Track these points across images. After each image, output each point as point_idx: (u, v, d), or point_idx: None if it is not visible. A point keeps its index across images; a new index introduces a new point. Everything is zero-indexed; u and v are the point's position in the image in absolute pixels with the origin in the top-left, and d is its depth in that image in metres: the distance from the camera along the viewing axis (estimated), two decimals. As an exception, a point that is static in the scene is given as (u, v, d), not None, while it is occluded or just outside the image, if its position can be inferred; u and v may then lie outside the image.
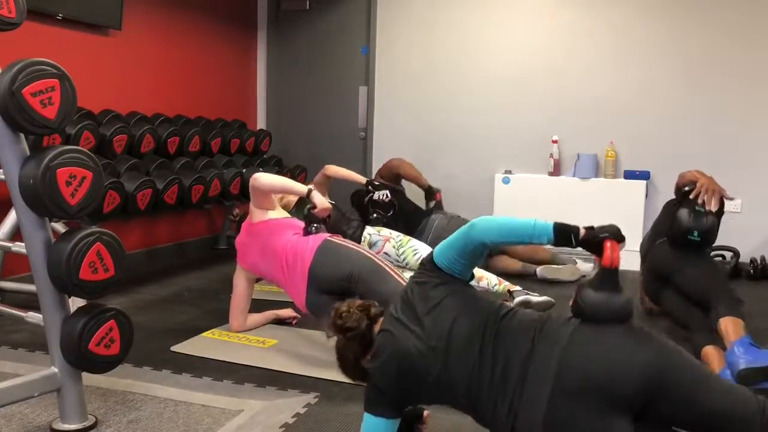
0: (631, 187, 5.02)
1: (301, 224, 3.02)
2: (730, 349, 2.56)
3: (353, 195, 4.32)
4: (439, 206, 4.66)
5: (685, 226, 3.00)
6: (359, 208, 4.21)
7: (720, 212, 3.06)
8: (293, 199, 3.67)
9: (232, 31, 5.77)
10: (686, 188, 3.13)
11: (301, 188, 3.00)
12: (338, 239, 2.97)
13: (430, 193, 4.67)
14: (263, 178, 2.99)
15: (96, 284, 2.07)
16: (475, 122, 5.56)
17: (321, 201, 2.97)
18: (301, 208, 3.05)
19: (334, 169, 4.18)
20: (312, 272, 2.79)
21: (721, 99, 5.01)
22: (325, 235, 2.94)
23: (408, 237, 3.87)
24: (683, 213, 3.03)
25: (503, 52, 5.47)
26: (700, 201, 3.03)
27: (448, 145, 5.62)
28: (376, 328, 1.83)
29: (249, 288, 3.20)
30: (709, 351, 2.69)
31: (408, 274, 3.30)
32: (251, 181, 3.01)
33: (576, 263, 4.52)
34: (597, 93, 5.27)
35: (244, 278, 3.17)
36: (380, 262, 2.82)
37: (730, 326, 2.66)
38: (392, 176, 4.65)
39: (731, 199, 3.14)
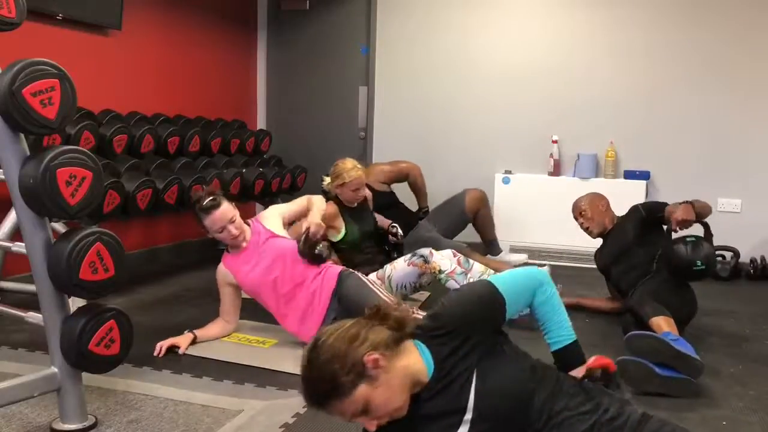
0: (631, 187, 5.00)
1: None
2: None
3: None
4: (427, 212, 4.57)
5: (688, 259, 3.04)
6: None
7: (709, 235, 3.12)
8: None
9: (232, 31, 5.77)
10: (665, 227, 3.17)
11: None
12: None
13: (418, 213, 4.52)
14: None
15: (96, 284, 2.07)
16: (475, 122, 5.56)
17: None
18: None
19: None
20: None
21: (721, 99, 5.01)
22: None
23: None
24: (680, 248, 3.06)
25: (503, 52, 5.47)
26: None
27: (448, 145, 5.61)
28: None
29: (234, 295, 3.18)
30: (659, 320, 2.79)
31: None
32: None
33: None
34: (597, 93, 5.27)
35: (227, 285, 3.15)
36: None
37: (662, 322, 2.77)
38: (398, 179, 4.52)
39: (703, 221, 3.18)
